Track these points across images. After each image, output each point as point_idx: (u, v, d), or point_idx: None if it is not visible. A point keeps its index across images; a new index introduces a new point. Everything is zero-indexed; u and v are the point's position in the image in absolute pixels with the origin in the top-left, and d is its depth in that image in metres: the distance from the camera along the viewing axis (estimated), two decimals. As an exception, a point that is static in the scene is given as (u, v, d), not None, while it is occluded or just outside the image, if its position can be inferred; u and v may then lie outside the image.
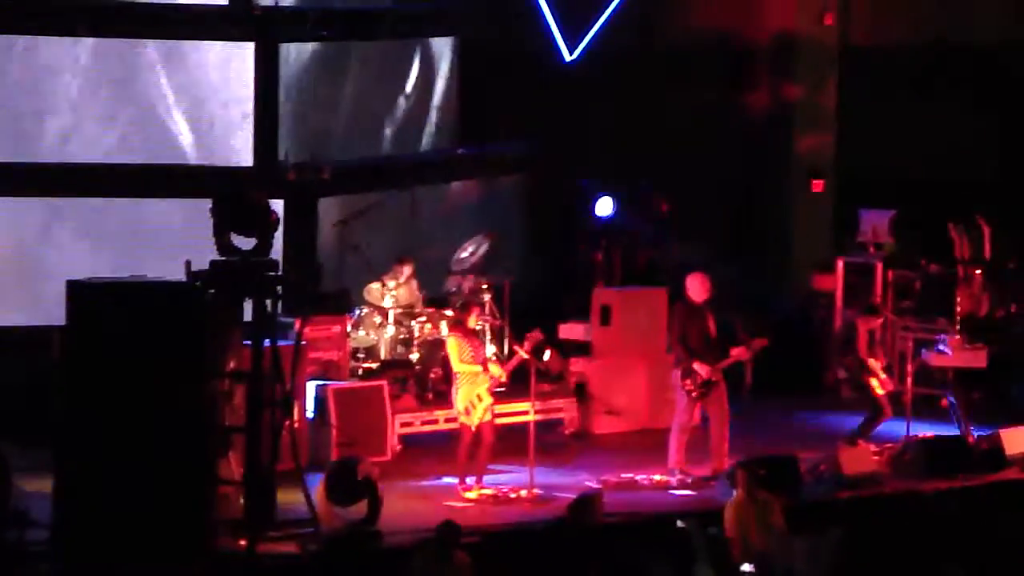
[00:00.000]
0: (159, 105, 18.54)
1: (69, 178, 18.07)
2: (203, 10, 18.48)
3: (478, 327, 16.41)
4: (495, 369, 15.56)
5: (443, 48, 21.30)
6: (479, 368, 15.46)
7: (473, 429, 15.47)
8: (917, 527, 13.27)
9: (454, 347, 15.64)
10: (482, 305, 17.59)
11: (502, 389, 16.03)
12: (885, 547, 12.57)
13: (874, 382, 16.81)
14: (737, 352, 16.25)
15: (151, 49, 18.41)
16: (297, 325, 14.54)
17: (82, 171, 18.15)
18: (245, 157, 18.68)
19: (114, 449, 12.85)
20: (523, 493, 15.35)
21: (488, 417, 15.51)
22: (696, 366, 15.83)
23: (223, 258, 13.60)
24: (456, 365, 15.63)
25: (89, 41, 18.13)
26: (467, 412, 15.48)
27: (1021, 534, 12.71)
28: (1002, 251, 19.68)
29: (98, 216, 18.30)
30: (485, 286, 18.26)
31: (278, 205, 15.41)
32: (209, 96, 18.72)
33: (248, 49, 18.59)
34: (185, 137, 18.67)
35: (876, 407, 16.96)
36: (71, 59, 18.21)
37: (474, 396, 15.45)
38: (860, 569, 12.26)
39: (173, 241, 17.62)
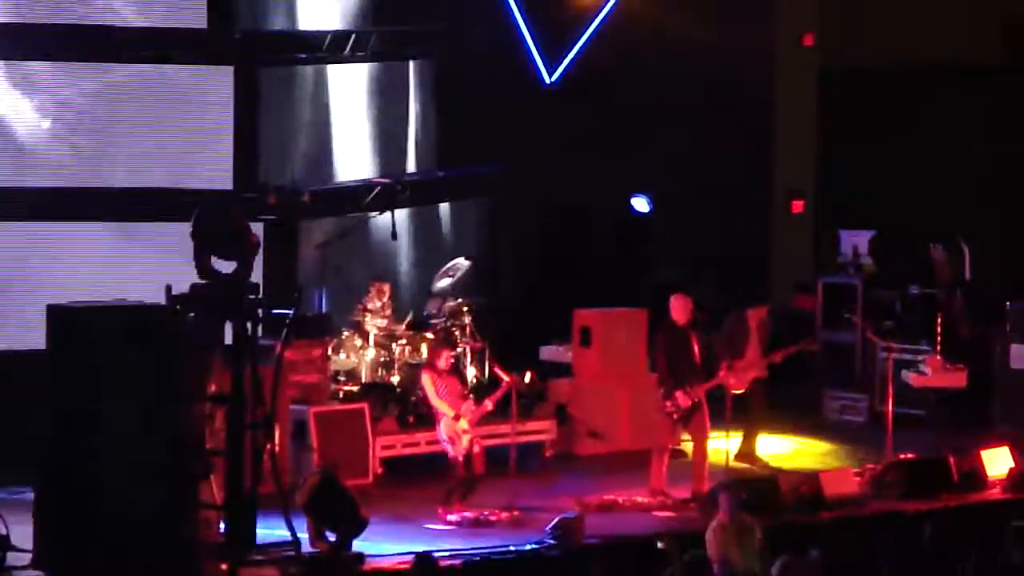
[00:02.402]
0: (137, 126, 18.55)
1: (53, 202, 18.06)
2: (183, 33, 18.49)
3: (452, 361, 16.37)
4: (463, 423, 15.43)
5: (423, 70, 21.32)
6: (452, 412, 15.42)
7: (461, 459, 15.45)
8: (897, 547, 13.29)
9: (428, 385, 15.67)
10: (454, 345, 17.54)
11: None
12: (865, 568, 12.58)
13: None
14: (722, 375, 16.30)
15: (132, 70, 18.42)
16: (278, 348, 14.51)
17: (66, 195, 18.14)
18: (225, 180, 18.69)
19: (95, 473, 12.81)
20: (504, 515, 15.33)
21: (477, 448, 15.49)
22: (679, 395, 15.82)
23: (203, 281, 13.58)
24: (433, 400, 15.65)
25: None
26: (452, 442, 15.46)
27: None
28: (982, 271, 19.74)
29: (82, 238, 18.30)
30: (465, 308, 18.27)
31: (258, 228, 15.41)
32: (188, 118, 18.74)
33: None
34: (164, 159, 18.68)
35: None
36: (53, 83, 18.22)
37: (457, 427, 15.45)
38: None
39: (155, 264, 17.64)
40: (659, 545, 14.02)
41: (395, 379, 17.64)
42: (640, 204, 20.74)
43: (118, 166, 18.55)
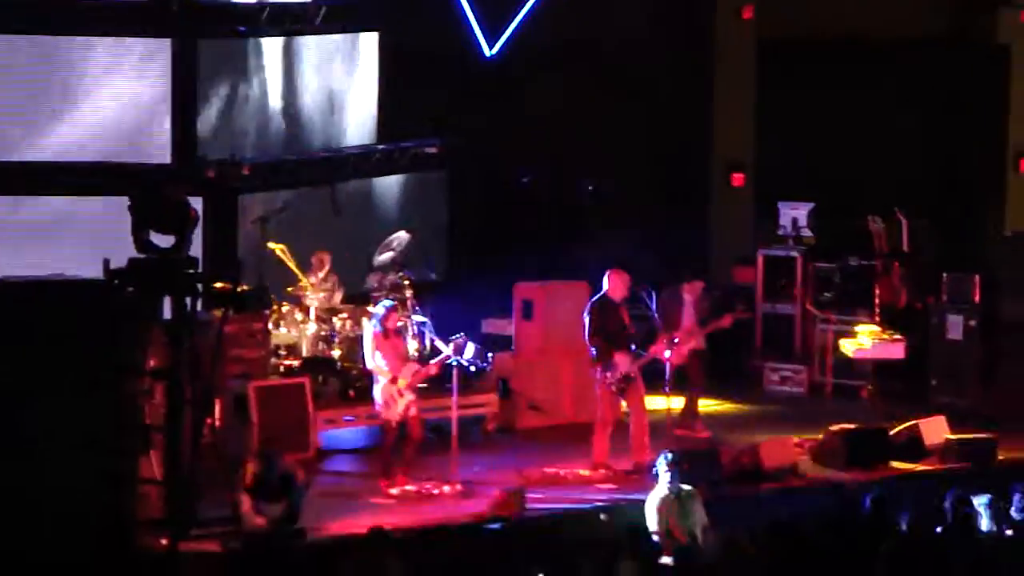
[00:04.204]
0: (76, 100, 18.42)
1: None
2: (121, 5, 18.35)
3: (400, 324, 16.38)
4: (402, 383, 15.43)
5: (365, 43, 21.25)
6: (389, 374, 15.39)
7: (395, 424, 15.43)
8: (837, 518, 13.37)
9: (369, 344, 15.61)
10: (405, 301, 17.61)
11: (424, 385, 16.01)
12: (805, 538, 12.66)
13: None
14: (655, 349, 16.36)
15: (69, 43, 18.27)
16: (217, 323, 14.46)
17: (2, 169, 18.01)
18: (164, 154, 18.59)
19: (32, 449, 12.74)
20: (447, 489, 15.34)
21: (413, 412, 15.48)
22: (617, 358, 15.87)
23: (142, 256, 13.51)
24: (368, 362, 15.62)
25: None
26: (387, 406, 15.43)
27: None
28: (919, 243, 19.86)
29: (12, 213, 18.17)
30: (407, 282, 18.26)
31: (197, 202, 15.34)
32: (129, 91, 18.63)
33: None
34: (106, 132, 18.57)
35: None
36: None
37: (394, 390, 15.42)
38: (780, 560, 12.34)
39: (93, 238, 17.53)
40: (602, 517, 14.08)
41: (336, 353, 17.61)
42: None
43: (56, 140, 18.41)
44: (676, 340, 16.91)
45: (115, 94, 18.61)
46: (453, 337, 15.73)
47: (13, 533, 12.75)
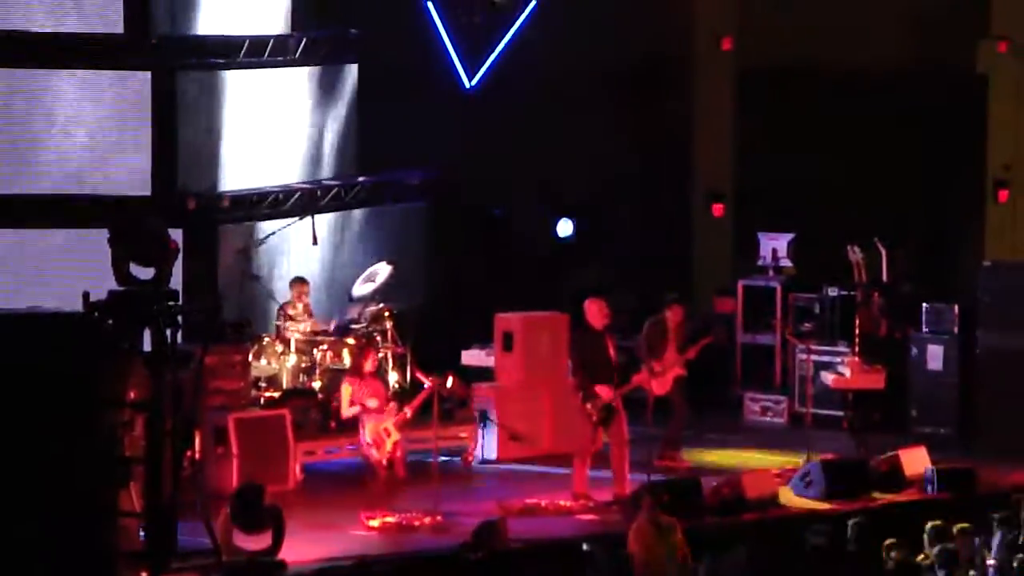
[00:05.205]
0: (55, 132, 18.41)
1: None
2: (99, 38, 18.36)
3: (376, 367, 16.39)
4: (388, 420, 15.48)
5: (344, 75, 21.27)
6: (375, 403, 15.45)
7: (385, 462, 15.46)
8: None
9: (346, 395, 15.70)
10: (385, 332, 17.63)
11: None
12: (786, 569, 12.67)
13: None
14: (638, 378, 16.37)
15: (48, 76, 18.29)
16: (198, 355, 14.44)
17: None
18: (143, 186, 18.59)
19: (11, 483, 12.69)
20: (427, 520, 15.31)
21: (399, 453, 15.52)
22: (598, 389, 15.89)
23: (122, 288, 13.49)
24: (346, 411, 15.70)
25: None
26: (376, 445, 15.46)
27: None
28: (899, 273, 19.91)
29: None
30: (387, 313, 18.25)
31: (177, 234, 15.33)
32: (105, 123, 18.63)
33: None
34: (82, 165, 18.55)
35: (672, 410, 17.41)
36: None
37: (381, 430, 15.46)
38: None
39: (73, 271, 17.52)
40: (584, 547, 14.06)
41: (316, 385, 17.59)
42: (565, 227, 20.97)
43: (34, 173, 18.39)
44: (654, 369, 16.95)
45: (94, 126, 18.60)
46: (430, 379, 15.74)
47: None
